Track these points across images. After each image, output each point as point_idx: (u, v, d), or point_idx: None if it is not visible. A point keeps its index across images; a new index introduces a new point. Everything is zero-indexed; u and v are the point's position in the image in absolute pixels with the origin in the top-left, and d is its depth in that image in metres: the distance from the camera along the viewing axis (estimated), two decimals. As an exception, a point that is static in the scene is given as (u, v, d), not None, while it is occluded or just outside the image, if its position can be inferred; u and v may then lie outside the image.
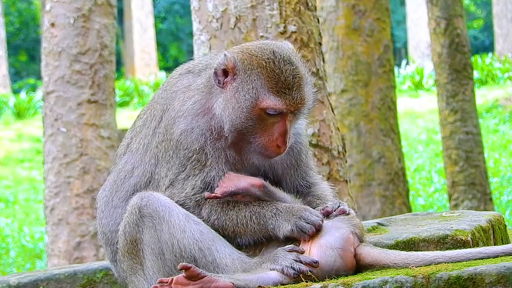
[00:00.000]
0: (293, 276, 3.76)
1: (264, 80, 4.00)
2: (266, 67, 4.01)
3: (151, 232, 3.97)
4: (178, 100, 4.16)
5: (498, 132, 23.79)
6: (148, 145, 4.22)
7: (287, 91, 4.00)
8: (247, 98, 4.00)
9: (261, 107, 4.00)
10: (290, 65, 4.04)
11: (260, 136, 4.05)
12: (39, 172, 22.93)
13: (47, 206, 10.41)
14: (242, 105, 4.00)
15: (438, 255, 3.78)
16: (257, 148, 4.07)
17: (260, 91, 4.00)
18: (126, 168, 4.27)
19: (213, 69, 4.08)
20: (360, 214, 11.30)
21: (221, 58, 4.05)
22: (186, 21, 47.27)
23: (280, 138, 4.04)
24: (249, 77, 4.02)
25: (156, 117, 4.23)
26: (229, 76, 4.05)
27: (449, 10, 13.89)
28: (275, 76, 4.00)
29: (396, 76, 30.47)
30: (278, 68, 4.01)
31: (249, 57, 4.05)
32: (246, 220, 4.00)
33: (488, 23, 48.03)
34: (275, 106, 3.99)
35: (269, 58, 4.03)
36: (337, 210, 3.99)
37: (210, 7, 6.34)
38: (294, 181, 4.27)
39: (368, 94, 11.68)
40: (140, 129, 4.31)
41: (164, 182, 4.12)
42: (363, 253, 3.88)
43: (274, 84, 4.00)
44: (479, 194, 13.87)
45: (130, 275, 4.11)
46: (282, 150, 4.07)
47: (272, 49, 4.06)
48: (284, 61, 4.03)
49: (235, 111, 4.02)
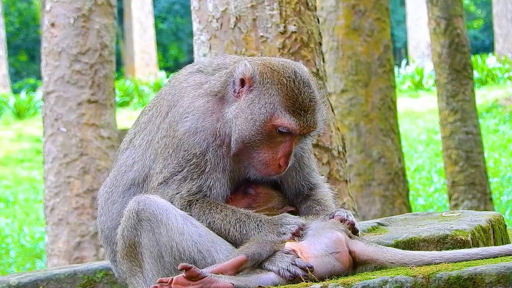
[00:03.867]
0: (288, 278, 3.76)
1: (282, 97, 4.00)
2: (286, 85, 4.01)
3: (150, 235, 3.96)
4: (188, 97, 4.14)
5: (498, 132, 23.80)
6: (151, 141, 4.21)
7: (303, 113, 4.01)
8: (262, 111, 4.00)
9: (274, 123, 4.00)
10: (309, 88, 4.05)
11: (264, 153, 4.04)
12: (39, 172, 22.93)
13: (47, 206, 10.41)
14: (256, 118, 4.00)
15: (436, 256, 3.77)
16: (258, 163, 4.06)
17: (276, 107, 3.99)
18: (127, 163, 4.26)
19: (231, 76, 4.07)
20: (360, 214, 11.31)
21: (242, 67, 4.04)
22: (186, 21, 47.26)
23: (283, 158, 4.04)
24: (268, 91, 4.01)
25: (162, 113, 4.21)
26: (245, 86, 4.04)
27: (449, 10, 13.89)
28: (294, 96, 4.00)
29: (396, 76, 30.47)
30: (297, 88, 4.01)
31: (270, 71, 4.05)
32: (229, 226, 4.00)
33: (488, 23, 48.03)
34: (289, 125, 4.00)
35: (290, 77, 4.03)
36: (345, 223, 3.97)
37: (210, 7, 6.34)
38: (295, 183, 4.26)
39: (368, 94, 11.68)
40: (145, 125, 4.29)
41: (157, 178, 4.10)
42: (357, 250, 3.87)
43: (292, 103, 4.00)
44: (479, 194, 13.87)
45: (129, 276, 4.11)
46: (282, 171, 4.07)
47: (294, 69, 4.07)
48: (304, 83, 4.04)
49: (247, 122, 4.01)
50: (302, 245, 3.87)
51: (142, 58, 38.06)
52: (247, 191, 4.21)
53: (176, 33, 49.33)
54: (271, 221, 3.97)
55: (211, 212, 4.02)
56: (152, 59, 38.27)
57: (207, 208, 4.03)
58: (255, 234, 3.96)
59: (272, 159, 4.05)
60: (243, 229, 3.98)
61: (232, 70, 4.09)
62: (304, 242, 3.88)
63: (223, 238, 3.99)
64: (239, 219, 4.00)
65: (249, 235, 3.97)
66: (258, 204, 4.20)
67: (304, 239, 3.89)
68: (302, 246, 3.86)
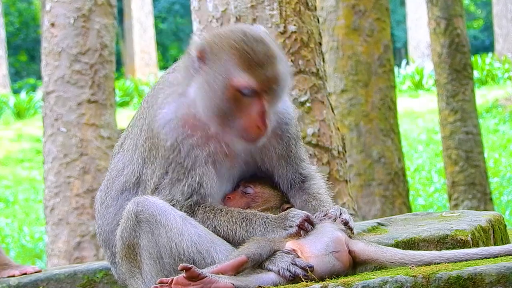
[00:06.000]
0: (288, 278, 3.76)
1: (235, 59, 3.92)
2: (237, 47, 3.93)
3: (149, 236, 3.95)
4: (163, 94, 4.13)
5: (498, 132, 23.80)
6: (136, 144, 4.21)
7: (259, 68, 3.92)
8: (219, 78, 3.93)
9: (234, 85, 3.91)
10: (262, 44, 3.96)
11: (239, 119, 3.97)
12: (39, 172, 22.93)
13: (47, 206, 10.42)
14: (215, 87, 3.93)
15: (436, 256, 3.77)
16: (238, 133, 3.99)
17: (232, 70, 3.92)
18: (118, 167, 4.27)
19: (188, 58, 4.02)
20: (360, 214, 11.30)
21: (192, 45, 4.01)
22: (186, 21, 47.27)
23: (258, 119, 3.94)
24: (220, 58, 3.95)
25: (143, 114, 4.21)
26: (201, 62, 3.99)
27: (449, 10, 13.89)
28: (246, 54, 3.92)
29: (396, 76, 30.47)
30: (249, 47, 3.93)
31: (219, 39, 3.99)
32: (236, 225, 3.98)
33: (488, 23, 48.03)
34: (247, 84, 3.91)
35: (240, 38, 3.96)
36: (338, 219, 3.97)
37: (210, 7, 6.34)
38: (286, 174, 4.21)
39: (368, 94, 11.68)
40: (131, 129, 4.31)
41: (149, 185, 4.10)
42: (357, 250, 3.87)
43: (246, 62, 3.91)
44: (479, 194, 13.88)
45: (129, 277, 4.11)
46: (263, 131, 3.97)
47: (243, 30, 4.01)
48: (256, 40, 3.96)
49: (208, 94, 3.95)
50: (302, 244, 3.87)
51: (142, 58, 38.06)
52: (245, 190, 4.21)
53: (176, 33, 49.33)
54: (277, 217, 3.96)
55: (216, 215, 4.01)
56: (152, 59, 38.27)
57: (211, 213, 4.02)
58: (262, 231, 3.94)
59: (249, 122, 3.96)
60: (250, 227, 3.96)
61: (187, 53, 4.06)
62: (304, 241, 3.88)
63: (230, 239, 3.97)
64: (245, 218, 3.98)
65: (255, 232, 3.94)
66: (257, 203, 4.19)
67: (305, 236, 3.89)
68: (302, 245, 3.86)
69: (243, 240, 3.94)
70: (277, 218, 3.95)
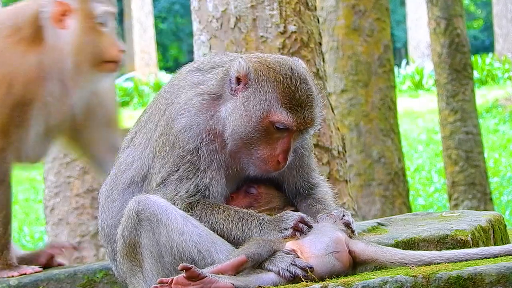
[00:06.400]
0: (288, 278, 3.77)
1: (278, 94, 4.00)
2: (282, 82, 4.01)
3: (150, 235, 3.97)
4: (185, 95, 4.15)
5: (498, 132, 23.80)
6: (150, 139, 4.23)
7: (299, 109, 4.01)
8: (257, 108, 4.00)
9: (271, 120, 4.00)
10: (306, 84, 4.05)
11: (262, 149, 4.05)
12: (39, 172, 22.90)
13: (47, 206, 10.41)
14: (251, 114, 4.00)
15: (436, 256, 3.77)
16: (257, 161, 4.07)
17: (273, 103, 3.99)
18: (127, 161, 4.28)
19: (227, 75, 4.07)
20: (360, 214, 11.31)
21: (236, 65, 4.05)
22: (186, 21, 47.26)
23: (281, 155, 4.04)
24: (263, 88, 4.02)
25: (160, 110, 4.23)
26: (241, 84, 4.05)
27: (449, 10, 13.89)
28: (291, 92, 4.00)
29: (396, 76, 30.47)
30: (294, 85, 4.01)
31: (266, 68, 4.05)
32: (232, 225, 4.00)
33: (488, 23, 48.04)
34: (285, 122, 3.99)
35: (286, 74, 4.03)
36: (339, 220, 3.99)
37: (210, 7, 6.35)
38: (296, 183, 4.27)
39: (368, 94, 11.69)
40: (145, 124, 4.31)
41: (156, 178, 4.12)
42: (358, 250, 3.88)
43: (288, 100, 4.00)
44: (479, 194, 13.87)
45: (129, 276, 4.11)
46: (281, 167, 4.08)
47: (290, 66, 4.07)
48: (301, 79, 4.04)
49: (241, 119, 4.01)
50: (302, 244, 3.87)
51: (142, 58, 38.05)
52: (249, 190, 4.22)
53: (176, 33, 49.33)
54: (273, 219, 3.98)
55: (213, 213, 4.03)
56: (152, 59, 38.26)
57: (209, 209, 4.04)
58: (258, 232, 3.96)
59: (271, 155, 4.05)
60: (245, 227, 3.98)
61: (227, 68, 4.11)
62: (304, 241, 3.88)
63: (225, 237, 3.99)
64: (242, 217, 4.00)
65: (251, 233, 3.97)
66: (260, 204, 4.21)
67: (305, 236, 3.90)
68: (302, 245, 3.87)
69: (239, 239, 3.97)
70: (272, 220, 3.97)
